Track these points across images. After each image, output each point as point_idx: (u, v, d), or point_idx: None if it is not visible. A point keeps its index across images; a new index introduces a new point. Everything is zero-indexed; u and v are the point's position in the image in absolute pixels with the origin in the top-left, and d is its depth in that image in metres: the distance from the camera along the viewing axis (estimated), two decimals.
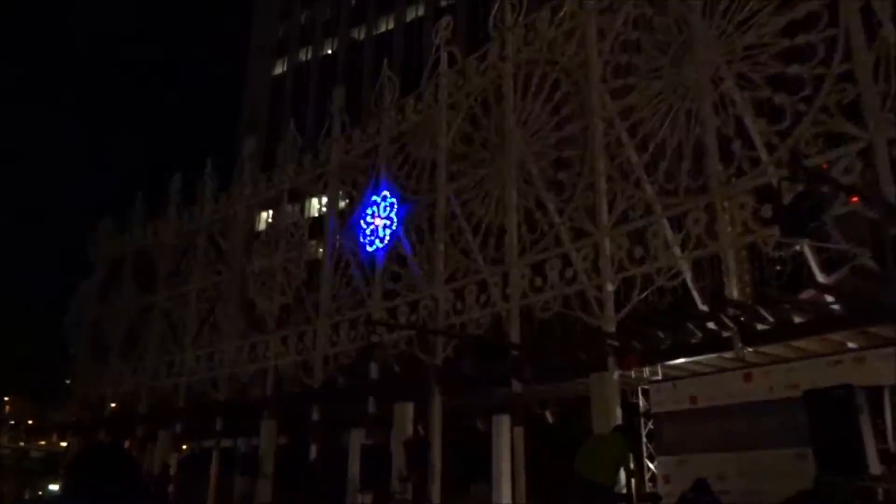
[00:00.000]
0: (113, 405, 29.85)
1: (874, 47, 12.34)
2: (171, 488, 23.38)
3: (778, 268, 13.71)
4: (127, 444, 27.36)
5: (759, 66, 13.78)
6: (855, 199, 11.06)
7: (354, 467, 18.66)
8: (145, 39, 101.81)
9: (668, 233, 14.48)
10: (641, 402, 15.45)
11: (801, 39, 13.31)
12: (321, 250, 23.81)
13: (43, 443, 41.18)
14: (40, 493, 28.65)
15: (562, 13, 18.07)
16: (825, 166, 11.93)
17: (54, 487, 28.35)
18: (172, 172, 31.29)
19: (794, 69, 13.26)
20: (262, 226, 28.84)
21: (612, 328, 14.93)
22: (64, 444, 36.24)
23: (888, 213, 10.09)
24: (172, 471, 24.87)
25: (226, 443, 24.91)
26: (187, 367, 26.41)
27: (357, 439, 19.54)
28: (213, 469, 23.85)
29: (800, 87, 13.13)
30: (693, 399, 14.11)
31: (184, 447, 27.41)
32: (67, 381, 33.59)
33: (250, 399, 23.83)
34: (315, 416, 21.31)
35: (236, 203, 27.30)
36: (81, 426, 30.59)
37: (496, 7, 19.88)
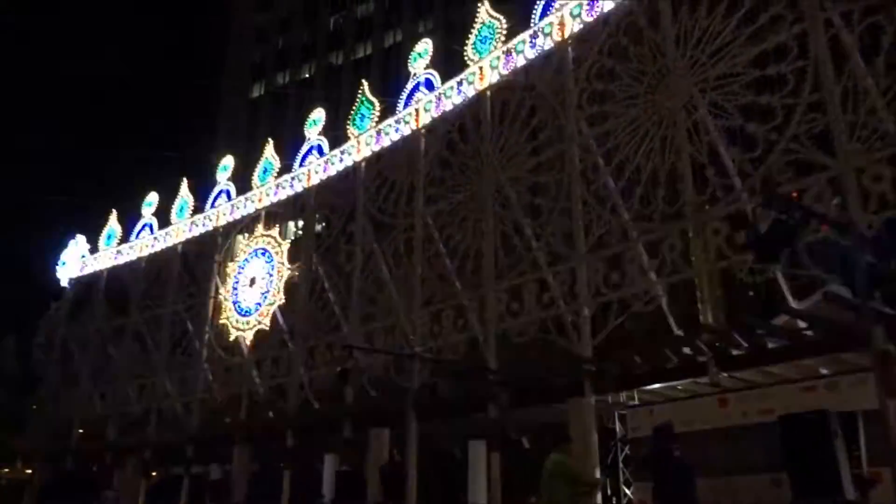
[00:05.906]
0: (80, 431, 29.10)
1: (843, 78, 12.65)
2: None
3: (751, 293, 13.83)
4: (94, 468, 26.74)
5: (732, 96, 14.06)
6: (825, 226, 11.23)
7: (328, 493, 18.34)
8: (119, 58, 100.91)
9: (644, 258, 14.61)
10: (618, 427, 15.44)
11: (771, 70, 13.62)
12: (297, 274, 23.60)
13: (7, 470, 39.97)
14: None
15: (539, 40, 18.32)
16: (795, 194, 12.12)
17: None
18: (147, 193, 30.99)
19: (765, 99, 13.55)
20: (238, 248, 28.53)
21: (588, 353, 14.96)
22: (29, 471, 35.20)
23: (859, 241, 10.25)
24: (141, 498, 24.25)
25: (197, 469, 24.37)
26: (158, 391, 25.91)
27: (331, 465, 19.25)
28: (184, 496, 23.29)
29: (771, 117, 13.41)
30: None
31: (153, 473, 26.76)
32: (33, 406, 32.68)
33: (223, 425, 23.40)
34: (289, 441, 20.99)
35: (211, 225, 27.05)
36: (48, 453, 29.75)
37: (473, 33, 20.13)
